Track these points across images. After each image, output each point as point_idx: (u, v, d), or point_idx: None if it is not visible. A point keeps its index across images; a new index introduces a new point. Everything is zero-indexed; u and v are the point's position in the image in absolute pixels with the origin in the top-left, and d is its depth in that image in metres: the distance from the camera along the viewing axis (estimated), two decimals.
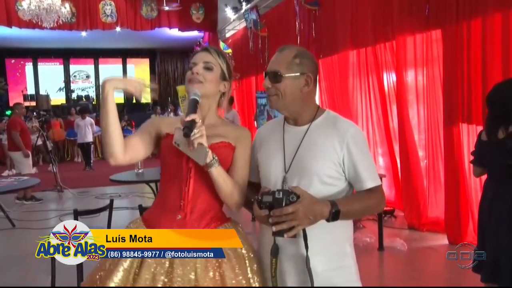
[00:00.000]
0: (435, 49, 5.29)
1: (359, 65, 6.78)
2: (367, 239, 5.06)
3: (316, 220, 1.59)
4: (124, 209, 7.18)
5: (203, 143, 1.63)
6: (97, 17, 11.99)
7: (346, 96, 7.08)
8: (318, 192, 1.67)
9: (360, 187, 1.73)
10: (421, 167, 5.59)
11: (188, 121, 1.60)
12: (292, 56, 1.76)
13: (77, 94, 19.57)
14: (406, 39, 5.55)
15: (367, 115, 6.75)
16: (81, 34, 13.80)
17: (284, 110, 1.80)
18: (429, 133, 5.43)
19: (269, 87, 1.77)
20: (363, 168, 1.72)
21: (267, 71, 1.77)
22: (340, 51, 7.07)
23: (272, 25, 9.58)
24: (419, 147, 5.64)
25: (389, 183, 6.26)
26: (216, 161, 1.68)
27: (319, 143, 1.74)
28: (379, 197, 1.76)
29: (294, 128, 1.82)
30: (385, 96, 6.23)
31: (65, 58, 19.92)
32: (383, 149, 6.47)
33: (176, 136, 1.66)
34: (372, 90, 6.55)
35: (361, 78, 6.79)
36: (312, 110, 1.82)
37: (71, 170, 11.52)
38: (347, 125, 1.77)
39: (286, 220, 1.56)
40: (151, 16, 12.53)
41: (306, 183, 1.69)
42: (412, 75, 5.65)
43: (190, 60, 1.85)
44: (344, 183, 1.75)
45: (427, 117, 5.46)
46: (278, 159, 1.79)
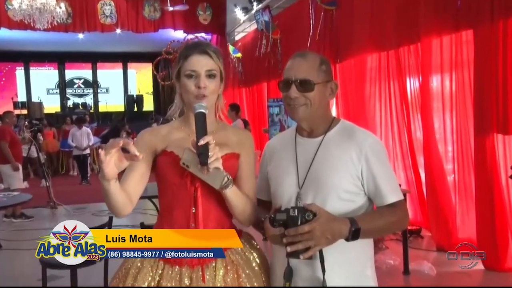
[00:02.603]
0: (465, 51, 5.24)
1: (380, 70, 6.76)
2: (391, 261, 5.02)
3: (334, 240, 1.59)
4: (124, 227, 7.17)
5: (219, 167, 1.65)
6: (95, 18, 12.14)
7: (362, 104, 7.07)
8: (335, 209, 1.67)
9: (381, 202, 1.74)
10: (448, 181, 5.54)
11: (203, 146, 1.60)
12: (318, 62, 1.79)
13: (73, 101, 19.80)
14: (433, 41, 5.52)
15: (386, 124, 6.72)
16: (78, 37, 13.97)
17: (309, 120, 1.81)
18: (458, 144, 5.37)
19: (297, 97, 1.76)
20: (384, 181, 1.73)
21: (294, 79, 1.76)
22: (358, 55, 7.07)
23: (285, 27, 9.60)
24: (446, 159, 5.59)
25: (413, 199, 6.21)
26: (231, 182, 1.70)
27: (335, 156, 1.75)
28: (402, 213, 1.76)
29: (307, 140, 1.84)
30: (408, 104, 6.20)
31: (60, 63, 20.18)
32: (405, 162, 6.42)
33: (185, 157, 1.67)
34: (393, 97, 6.52)
35: (381, 84, 6.77)
36: (328, 120, 1.85)
37: (66, 184, 11.59)
38: (364, 135, 1.80)
39: (302, 240, 1.56)
40: (154, 17, 12.65)
41: (322, 199, 1.70)
42: (438, 80, 5.61)
43: (183, 60, 1.80)
44: (363, 199, 1.76)
45: (456, 126, 5.41)
46: (290, 174, 1.81)
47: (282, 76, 1.82)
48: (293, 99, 1.76)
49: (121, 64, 21.07)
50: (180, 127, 1.89)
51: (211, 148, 1.61)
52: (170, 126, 1.91)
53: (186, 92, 1.79)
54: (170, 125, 1.92)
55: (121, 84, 21.39)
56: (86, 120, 14.73)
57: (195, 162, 1.64)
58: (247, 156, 1.87)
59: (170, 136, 1.86)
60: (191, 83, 1.77)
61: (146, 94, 20.78)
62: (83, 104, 19.33)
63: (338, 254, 1.66)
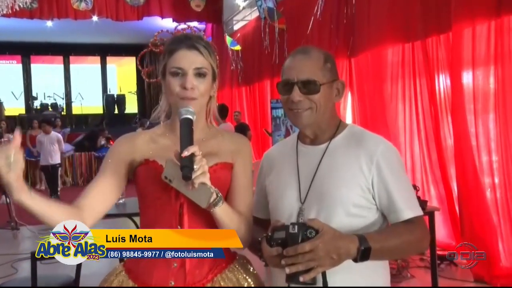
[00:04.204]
0: (506, 41, 5.23)
1: (403, 64, 6.77)
2: None
3: (340, 260, 1.60)
4: None
5: (206, 182, 1.66)
6: (67, 3, 12.15)
7: (382, 106, 7.08)
8: (343, 226, 1.70)
9: (396, 218, 1.76)
10: (487, 198, 5.48)
11: (187, 157, 1.61)
12: (323, 59, 1.82)
13: (41, 102, 19.72)
14: (466, 29, 5.49)
15: (411, 130, 6.71)
16: (46, 25, 13.98)
17: (315, 126, 1.85)
18: (500, 153, 5.34)
19: (300, 100, 1.79)
20: (399, 193, 1.75)
21: (296, 79, 1.79)
22: (377, 47, 7.08)
23: (291, 14, 9.63)
24: (484, 171, 5.54)
25: (445, 218, 6.18)
26: (220, 199, 1.72)
27: (342, 165, 1.79)
28: (420, 231, 1.77)
29: (310, 148, 1.89)
30: (437, 105, 6.19)
31: (25, 55, 20.14)
32: (435, 175, 6.40)
33: (168, 171, 1.68)
34: (419, 98, 6.51)
35: (404, 81, 6.78)
36: (334, 124, 1.89)
37: None
38: (375, 141, 1.83)
39: (303, 261, 1.57)
40: (137, 3, 12.73)
41: (327, 215, 1.73)
42: (474, 76, 5.54)
43: (168, 55, 1.82)
44: (375, 214, 1.79)
45: (497, 131, 5.38)
46: (291, 187, 1.85)
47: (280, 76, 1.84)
48: (296, 103, 1.79)
49: (99, 57, 21.11)
50: (164, 133, 1.91)
51: (196, 161, 1.62)
52: (153, 131, 1.94)
53: (171, 92, 1.80)
54: (153, 131, 1.94)
55: (99, 82, 21.44)
56: (57, 124, 14.75)
57: (179, 176, 1.64)
58: (242, 165, 1.90)
59: (153, 144, 1.89)
60: (176, 83, 1.78)
61: (129, 93, 20.86)
62: (52, 105, 19.22)
63: (346, 276, 1.68)
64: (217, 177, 1.77)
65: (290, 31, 9.71)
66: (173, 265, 1.80)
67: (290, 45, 9.52)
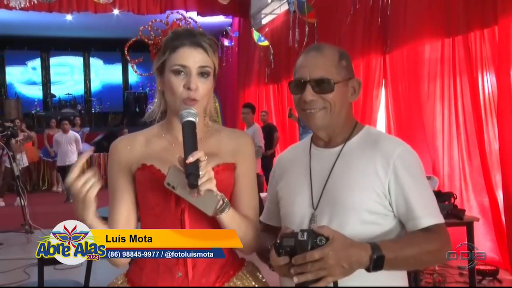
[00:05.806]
0: None
1: (442, 61, 6.73)
2: None
3: (352, 270, 1.60)
4: None
5: (212, 189, 1.66)
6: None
7: (418, 107, 7.05)
8: (357, 233, 1.72)
9: (414, 226, 1.76)
10: None
11: (192, 164, 1.61)
12: (338, 57, 1.85)
13: (59, 97, 19.88)
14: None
15: (451, 132, 6.65)
16: (65, 18, 14.09)
17: (329, 128, 1.87)
18: None
19: (313, 100, 1.81)
20: (417, 199, 1.76)
21: (308, 78, 1.81)
22: (413, 42, 7.07)
23: (323, 8, 9.63)
24: None
25: (488, 230, 6.12)
26: (227, 205, 1.74)
27: (357, 168, 1.81)
28: (440, 241, 1.76)
29: (323, 151, 1.91)
30: (480, 106, 6.11)
31: (43, 50, 20.32)
32: (476, 182, 6.33)
33: (171, 177, 1.68)
34: (460, 98, 6.45)
35: (443, 80, 6.73)
36: (350, 125, 1.91)
37: (47, 203, 11.67)
38: (393, 144, 1.85)
39: (312, 269, 1.57)
40: None
41: (340, 222, 1.76)
42: None
43: (170, 52, 1.81)
44: (392, 221, 1.81)
45: None
46: (303, 192, 1.88)
47: (292, 75, 1.86)
48: (309, 102, 1.81)
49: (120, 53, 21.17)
50: (160, 133, 1.93)
51: (202, 166, 1.62)
52: (148, 132, 1.95)
53: (172, 92, 1.80)
54: (147, 131, 1.96)
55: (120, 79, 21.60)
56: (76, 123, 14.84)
57: (183, 183, 1.65)
58: (245, 165, 1.91)
59: (148, 146, 1.91)
60: (179, 82, 1.78)
61: None
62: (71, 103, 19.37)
63: (359, 286, 1.68)
64: (220, 179, 1.75)
65: (320, 26, 9.69)
66: (178, 274, 1.83)
67: (320, 41, 9.44)
